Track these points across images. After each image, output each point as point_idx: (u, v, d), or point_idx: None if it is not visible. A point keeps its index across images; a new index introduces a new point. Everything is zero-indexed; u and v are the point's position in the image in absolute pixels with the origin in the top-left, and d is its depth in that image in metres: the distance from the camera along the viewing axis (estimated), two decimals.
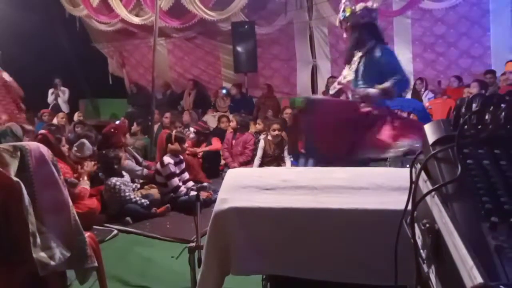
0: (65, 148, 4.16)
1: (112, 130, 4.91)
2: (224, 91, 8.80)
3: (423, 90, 6.95)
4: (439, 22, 7.23)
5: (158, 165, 4.48)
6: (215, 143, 5.93)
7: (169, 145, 4.51)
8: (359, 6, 3.19)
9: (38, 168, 1.73)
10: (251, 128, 6.63)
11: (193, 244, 2.12)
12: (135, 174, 4.65)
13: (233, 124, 6.09)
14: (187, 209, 3.81)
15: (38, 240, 1.62)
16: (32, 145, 1.79)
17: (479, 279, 0.54)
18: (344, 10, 3.23)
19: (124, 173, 4.28)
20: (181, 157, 4.64)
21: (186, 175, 4.64)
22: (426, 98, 6.76)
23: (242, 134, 6.04)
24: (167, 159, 4.42)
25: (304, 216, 1.53)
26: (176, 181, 4.37)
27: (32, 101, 7.06)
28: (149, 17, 8.09)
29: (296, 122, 4.44)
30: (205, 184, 4.64)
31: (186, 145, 4.80)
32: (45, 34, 8.29)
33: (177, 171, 4.46)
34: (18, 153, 1.70)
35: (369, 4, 3.21)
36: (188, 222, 3.32)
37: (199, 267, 1.80)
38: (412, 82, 7.23)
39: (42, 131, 4.25)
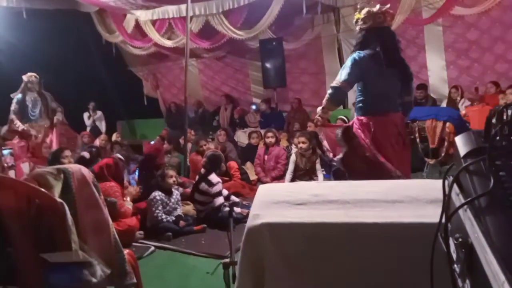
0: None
1: (157, 150, 5.10)
2: (253, 106, 8.90)
3: (458, 98, 6.73)
4: (472, 28, 7.03)
5: (204, 185, 4.47)
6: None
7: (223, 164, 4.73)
8: (363, 12, 3.13)
9: (80, 189, 1.82)
10: (283, 143, 6.64)
11: (227, 260, 2.14)
12: None
13: (273, 140, 6.11)
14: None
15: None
16: (74, 168, 1.89)
17: None
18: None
19: (174, 191, 4.39)
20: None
21: (225, 192, 4.73)
22: (463, 106, 6.53)
23: (274, 148, 6.06)
24: (215, 178, 4.51)
25: (337, 230, 1.51)
26: (222, 198, 4.47)
27: (72, 124, 7.44)
28: (181, 40, 8.37)
29: None
30: (237, 200, 4.67)
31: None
32: (84, 61, 8.77)
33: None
34: (62, 176, 1.80)
35: (375, 8, 3.10)
36: (223, 238, 3.35)
37: (233, 282, 1.82)
38: (447, 91, 7.06)
39: (117, 155, 4.54)
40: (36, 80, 6.22)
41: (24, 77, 6.19)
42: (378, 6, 3.10)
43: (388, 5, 3.17)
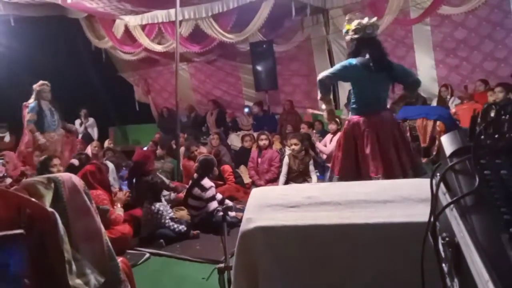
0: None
1: (145, 157, 5.08)
2: (246, 109, 8.91)
3: (448, 96, 6.80)
4: (460, 27, 7.11)
5: (197, 190, 4.46)
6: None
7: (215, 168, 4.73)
8: (354, 24, 3.38)
9: (71, 198, 1.81)
10: (276, 145, 6.65)
11: (222, 265, 2.14)
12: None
13: (266, 142, 6.12)
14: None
15: (74, 267, 1.68)
16: (65, 176, 1.88)
17: None
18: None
19: (162, 198, 4.38)
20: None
21: (219, 196, 4.71)
22: (453, 105, 6.60)
23: (267, 151, 6.06)
24: (208, 182, 4.49)
25: (329, 232, 1.52)
26: (216, 203, 4.46)
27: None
28: (171, 44, 8.35)
29: None
30: (230, 204, 4.67)
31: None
32: (74, 68, 8.71)
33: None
34: (52, 185, 1.79)
35: (365, 21, 3.35)
36: (217, 243, 3.34)
37: (229, 287, 1.81)
38: (437, 89, 7.13)
39: (95, 161, 4.47)
40: (48, 88, 6.11)
41: (36, 86, 6.05)
42: (366, 19, 3.37)
43: (375, 18, 3.49)
